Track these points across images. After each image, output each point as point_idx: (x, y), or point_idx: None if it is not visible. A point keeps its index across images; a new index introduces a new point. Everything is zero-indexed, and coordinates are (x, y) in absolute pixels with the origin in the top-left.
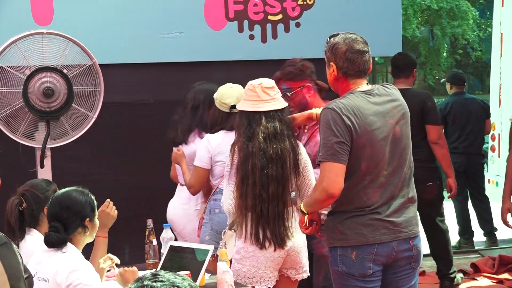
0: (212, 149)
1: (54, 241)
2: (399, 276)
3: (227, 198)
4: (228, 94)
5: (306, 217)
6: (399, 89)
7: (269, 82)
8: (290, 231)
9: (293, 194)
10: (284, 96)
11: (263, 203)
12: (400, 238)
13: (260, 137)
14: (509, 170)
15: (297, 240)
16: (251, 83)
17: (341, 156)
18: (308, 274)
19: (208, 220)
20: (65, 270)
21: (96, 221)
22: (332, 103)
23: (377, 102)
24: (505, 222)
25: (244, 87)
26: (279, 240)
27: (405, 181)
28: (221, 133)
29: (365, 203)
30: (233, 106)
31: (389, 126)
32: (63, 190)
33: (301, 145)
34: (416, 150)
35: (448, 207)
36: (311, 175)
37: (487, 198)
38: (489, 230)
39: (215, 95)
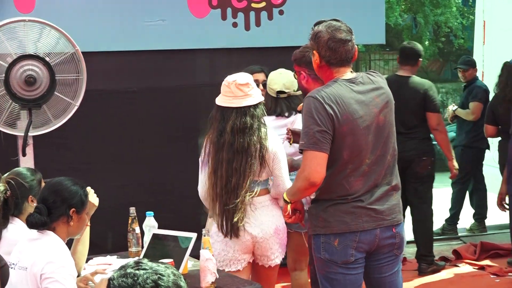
0: None
1: (35, 222)
2: (382, 263)
3: (200, 185)
4: (275, 80)
5: (289, 206)
6: (403, 76)
7: (243, 78)
8: (252, 218)
9: (270, 183)
10: (293, 75)
11: (228, 194)
12: (383, 225)
13: (229, 131)
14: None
15: (266, 228)
16: (227, 79)
17: (323, 145)
18: (281, 258)
19: None
20: (42, 261)
21: (85, 216)
22: (315, 91)
23: (360, 91)
24: (500, 205)
25: (235, 77)
26: (240, 227)
27: (388, 169)
28: (271, 118)
29: (347, 191)
30: (280, 92)
31: (372, 115)
32: (59, 177)
33: (273, 137)
34: (415, 129)
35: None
36: (281, 166)
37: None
38: (484, 215)
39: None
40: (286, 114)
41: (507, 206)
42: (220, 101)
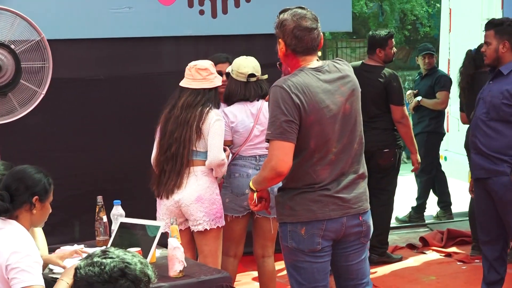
0: (230, 121)
1: None
2: (348, 251)
3: (152, 153)
4: (245, 64)
5: (255, 194)
6: (366, 64)
7: (203, 64)
8: (182, 185)
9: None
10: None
11: (166, 160)
12: (349, 214)
13: (179, 106)
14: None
15: (187, 195)
16: (190, 64)
17: (289, 134)
18: (205, 227)
19: (228, 184)
20: (7, 251)
21: (48, 205)
22: (282, 81)
23: (326, 80)
24: (471, 191)
25: (197, 63)
26: (167, 191)
27: (355, 158)
28: (236, 105)
29: (314, 180)
30: (251, 75)
31: (339, 104)
32: (23, 165)
33: (215, 114)
34: (376, 119)
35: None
36: (215, 138)
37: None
38: (448, 202)
39: (230, 67)
40: (256, 99)
41: None
42: (182, 82)
